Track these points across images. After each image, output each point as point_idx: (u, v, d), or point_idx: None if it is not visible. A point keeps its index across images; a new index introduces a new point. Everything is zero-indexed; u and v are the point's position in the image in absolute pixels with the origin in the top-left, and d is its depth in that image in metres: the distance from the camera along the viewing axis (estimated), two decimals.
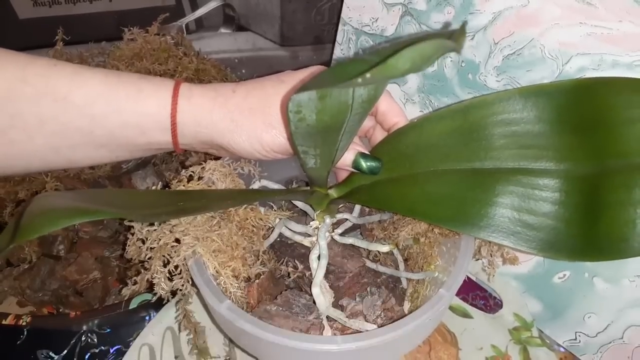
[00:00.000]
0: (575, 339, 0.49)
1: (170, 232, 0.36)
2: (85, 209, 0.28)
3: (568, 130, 0.36)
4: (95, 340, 0.46)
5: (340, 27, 0.62)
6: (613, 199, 0.33)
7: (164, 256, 0.36)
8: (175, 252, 0.36)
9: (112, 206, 0.31)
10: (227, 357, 0.46)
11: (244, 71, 0.81)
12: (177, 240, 0.36)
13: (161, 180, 0.60)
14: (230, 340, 0.47)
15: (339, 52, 0.64)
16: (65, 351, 0.45)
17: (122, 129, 0.36)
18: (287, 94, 0.37)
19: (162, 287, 0.36)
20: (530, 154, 0.37)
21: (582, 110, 0.36)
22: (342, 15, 0.61)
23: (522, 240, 0.35)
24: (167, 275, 0.36)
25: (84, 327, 0.46)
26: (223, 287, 0.37)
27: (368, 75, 0.22)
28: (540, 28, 0.44)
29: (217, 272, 0.37)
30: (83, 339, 0.46)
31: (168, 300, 0.38)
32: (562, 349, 0.50)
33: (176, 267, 0.36)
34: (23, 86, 0.33)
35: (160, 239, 0.36)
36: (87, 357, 0.46)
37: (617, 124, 0.35)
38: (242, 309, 0.36)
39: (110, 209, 0.29)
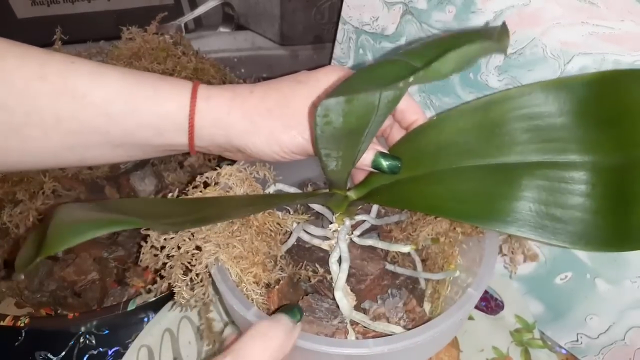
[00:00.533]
0: (577, 340, 0.48)
1: (190, 239, 0.36)
2: (112, 220, 0.28)
3: (592, 122, 0.35)
4: (94, 341, 0.46)
5: (340, 26, 0.62)
6: None
7: (183, 264, 0.35)
8: (196, 259, 0.35)
9: (135, 215, 0.30)
10: None
11: (243, 70, 0.81)
12: (198, 248, 0.36)
13: (159, 181, 0.60)
14: None
15: (339, 51, 0.64)
16: (64, 353, 0.45)
17: (139, 129, 0.36)
18: (318, 98, 0.36)
19: (183, 297, 0.35)
20: (554, 147, 0.36)
21: (605, 102, 0.35)
22: (342, 14, 0.61)
23: (551, 233, 0.34)
24: (189, 283, 0.36)
25: (82, 329, 0.46)
26: (245, 294, 0.36)
27: (411, 79, 0.21)
28: (541, 27, 0.44)
29: (239, 278, 0.36)
30: (81, 340, 0.46)
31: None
32: (563, 351, 0.50)
33: (197, 274, 0.36)
34: (42, 84, 0.33)
35: (180, 247, 0.35)
36: (85, 358, 0.46)
37: None
38: None
39: (135, 220, 0.29)
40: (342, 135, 0.30)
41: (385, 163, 0.38)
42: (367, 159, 0.38)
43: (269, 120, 0.37)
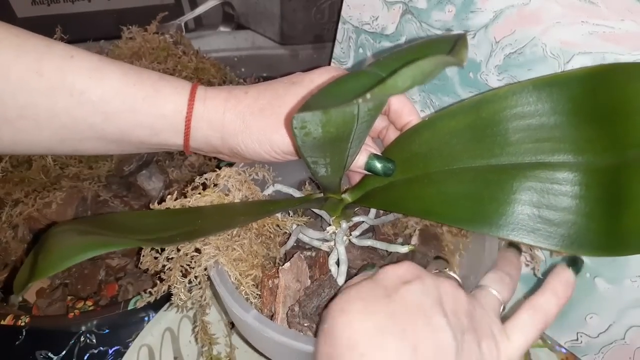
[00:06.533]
0: (577, 339, 0.48)
1: (190, 242, 0.36)
2: (99, 242, 0.28)
3: (585, 120, 0.35)
4: (94, 340, 0.46)
5: (340, 25, 0.62)
6: (636, 190, 0.32)
7: (182, 266, 0.35)
8: (195, 262, 0.35)
9: (127, 231, 0.30)
10: None
11: (243, 70, 0.81)
12: (197, 250, 0.36)
13: (165, 177, 0.60)
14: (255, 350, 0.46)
15: (338, 50, 0.64)
16: (64, 352, 0.45)
17: (135, 128, 0.36)
18: (290, 112, 0.36)
19: (181, 298, 0.36)
20: (547, 147, 0.36)
21: (598, 99, 0.34)
22: (342, 13, 0.61)
23: (543, 237, 0.34)
24: (187, 285, 0.36)
25: (83, 328, 0.46)
26: (244, 297, 0.36)
27: (368, 95, 0.22)
28: (541, 27, 0.44)
29: (238, 281, 0.36)
30: (82, 339, 0.46)
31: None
32: (563, 350, 0.50)
33: (195, 277, 0.36)
34: (38, 79, 0.32)
35: (179, 249, 0.35)
36: (86, 357, 0.46)
37: (636, 112, 0.33)
38: None
39: (124, 239, 0.29)
40: (325, 144, 0.30)
41: (378, 165, 0.38)
42: (360, 161, 0.38)
43: (261, 120, 0.36)
